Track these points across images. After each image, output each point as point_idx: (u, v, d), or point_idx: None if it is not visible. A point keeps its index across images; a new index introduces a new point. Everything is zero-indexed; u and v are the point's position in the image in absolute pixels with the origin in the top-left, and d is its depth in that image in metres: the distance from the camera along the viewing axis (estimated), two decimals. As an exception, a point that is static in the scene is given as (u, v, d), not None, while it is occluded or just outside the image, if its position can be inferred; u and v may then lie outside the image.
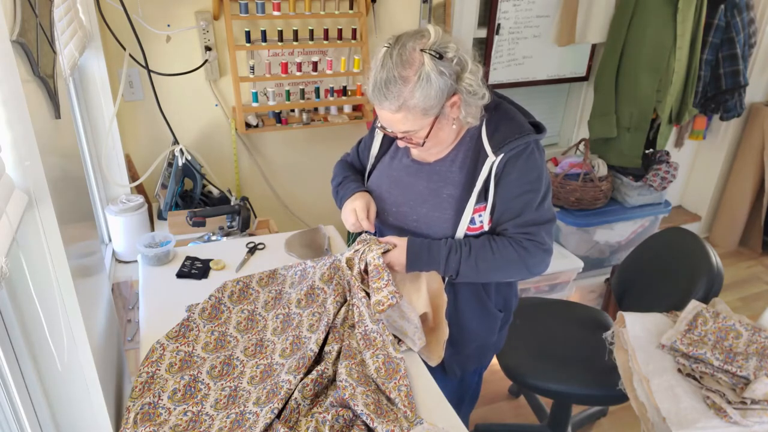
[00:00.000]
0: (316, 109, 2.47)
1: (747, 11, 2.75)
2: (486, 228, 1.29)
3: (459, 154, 1.29)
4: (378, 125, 1.30)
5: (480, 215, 1.27)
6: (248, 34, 2.18)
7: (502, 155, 1.22)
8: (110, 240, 2.12)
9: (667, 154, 2.86)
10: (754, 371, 1.44)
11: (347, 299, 1.30)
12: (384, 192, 1.39)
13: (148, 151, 2.28)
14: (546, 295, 2.79)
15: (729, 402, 1.38)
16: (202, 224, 1.87)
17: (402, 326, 1.27)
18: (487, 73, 2.78)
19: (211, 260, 1.59)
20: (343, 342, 1.22)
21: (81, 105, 2.01)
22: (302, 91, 2.37)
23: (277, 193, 2.66)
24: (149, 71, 2.05)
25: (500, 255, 1.25)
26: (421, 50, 1.12)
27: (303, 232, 1.74)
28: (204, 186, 2.24)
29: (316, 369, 1.14)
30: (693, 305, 1.61)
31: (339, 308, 1.28)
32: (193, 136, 2.38)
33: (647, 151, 2.89)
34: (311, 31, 2.27)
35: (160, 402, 1.09)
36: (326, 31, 2.30)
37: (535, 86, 3.00)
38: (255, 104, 2.31)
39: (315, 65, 2.33)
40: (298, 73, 2.31)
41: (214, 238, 1.90)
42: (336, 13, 2.29)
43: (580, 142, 2.87)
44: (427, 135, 1.20)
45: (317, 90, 2.39)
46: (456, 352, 1.43)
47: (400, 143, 1.29)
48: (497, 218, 1.28)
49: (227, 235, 1.92)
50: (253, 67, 2.24)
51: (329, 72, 2.34)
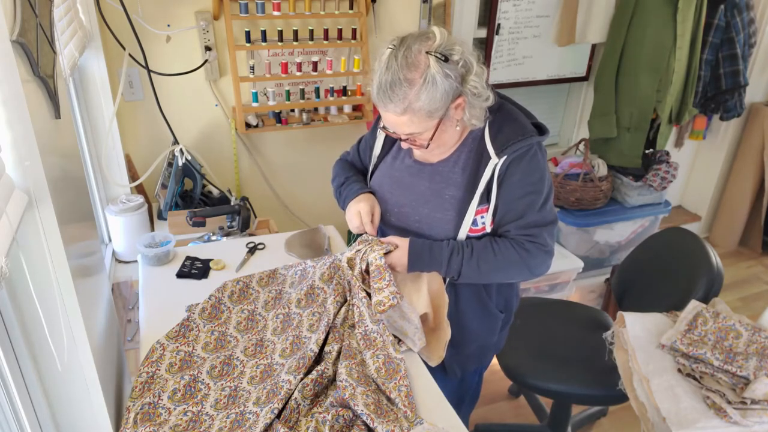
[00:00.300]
0: (316, 109, 2.47)
1: (747, 11, 2.75)
2: (488, 229, 1.29)
3: (462, 156, 1.29)
4: (381, 127, 1.30)
5: (482, 217, 1.27)
6: (248, 34, 2.18)
7: (505, 157, 1.22)
8: (110, 240, 2.12)
9: (667, 154, 2.86)
10: (754, 371, 1.44)
11: (347, 299, 1.30)
12: (386, 192, 1.39)
13: (148, 151, 2.28)
14: (546, 295, 2.79)
15: (729, 402, 1.38)
16: (202, 224, 1.87)
17: (402, 326, 1.27)
18: (487, 73, 2.78)
19: (211, 260, 1.59)
20: (343, 342, 1.22)
21: (81, 105, 2.01)
22: (302, 91, 2.36)
23: (277, 193, 2.66)
24: (149, 71, 2.04)
25: (502, 256, 1.25)
26: (427, 53, 1.11)
27: (303, 232, 1.74)
28: (204, 186, 2.24)
29: (316, 369, 1.14)
30: (693, 305, 1.61)
31: (339, 308, 1.28)
32: (193, 136, 2.38)
33: (647, 151, 2.89)
34: (311, 31, 2.27)
35: (160, 402, 1.09)
36: (326, 31, 2.30)
37: (535, 86, 3.00)
38: (255, 104, 2.31)
39: (315, 65, 2.33)
40: (298, 73, 2.31)
41: (214, 238, 1.90)
42: (336, 13, 2.29)
43: (580, 142, 2.87)
44: (431, 137, 1.20)
45: (317, 90, 2.39)
46: (456, 353, 1.43)
47: (404, 145, 1.29)
48: (499, 220, 1.28)
49: (227, 235, 1.92)
50: (253, 67, 2.24)
51: (329, 72, 2.34)
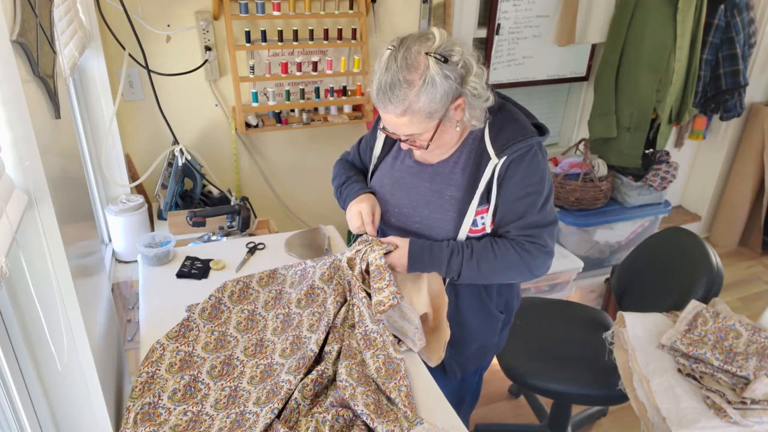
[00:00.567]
0: (316, 109, 2.47)
1: (747, 11, 2.75)
2: (488, 230, 1.29)
3: (462, 156, 1.29)
4: (381, 128, 1.30)
5: (482, 217, 1.27)
6: (248, 34, 2.18)
7: (505, 157, 1.22)
8: (110, 240, 2.12)
9: (667, 154, 2.86)
10: (754, 371, 1.44)
11: (347, 299, 1.30)
12: (386, 193, 1.39)
13: (148, 151, 2.28)
14: (546, 295, 2.79)
15: (729, 402, 1.38)
16: (202, 224, 1.87)
17: (402, 327, 1.27)
18: (487, 74, 2.78)
19: (211, 260, 1.59)
20: (343, 342, 1.22)
21: (81, 105, 2.01)
22: (302, 91, 2.36)
23: (277, 193, 2.66)
24: (149, 71, 2.04)
25: (502, 257, 1.25)
26: (426, 54, 1.11)
27: (303, 232, 1.74)
28: (204, 186, 2.24)
29: (316, 369, 1.14)
30: (693, 305, 1.61)
31: (339, 308, 1.28)
32: (193, 136, 2.38)
33: (647, 151, 2.89)
34: (311, 31, 2.27)
35: (160, 402, 1.09)
36: (326, 31, 2.30)
37: (535, 86, 3.00)
38: (255, 104, 2.31)
39: (315, 65, 2.33)
40: (298, 73, 2.31)
41: (214, 238, 1.90)
42: (336, 13, 2.29)
43: (580, 142, 2.87)
44: (431, 138, 1.20)
45: (317, 90, 2.39)
46: (456, 353, 1.43)
47: (404, 146, 1.28)
48: (499, 220, 1.28)
49: (227, 235, 1.92)
50: (253, 67, 2.24)
51: (329, 72, 2.34)
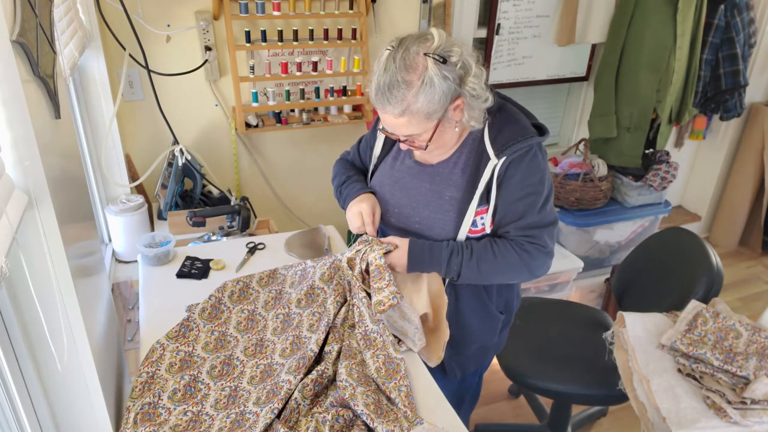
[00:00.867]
0: (316, 109, 2.47)
1: (747, 11, 2.75)
2: (488, 230, 1.29)
3: (462, 156, 1.29)
4: (380, 128, 1.30)
5: (482, 218, 1.27)
6: (248, 34, 2.18)
7: (505, 158, 1.22)
8: (110, 240, 2.12)
9: (667, 154, 2.86)
10: (754, 371, 1.44)
11: (347, 299, 1.30)
12: (387, 194, 1.39)
13: (148, 151, 2.28)
14: (546, 295, 2.79)
15: (729, 402, 1.38)
16: (202, 224, 1.87)
17: (402, 327, 1.27)
18: (487, 74, 2.78)
19: (211, 260, 1.59)
20: (343, 342, 1.22)
21: (81, 105, 2.01)
22: (302, 91, 2.36)
23: (277, 193, 2.66)
24: (149, 71, 2.04)
25: (502, 257, 1.25)
26: (425, 54, 1.11)
27: (303, 232, 1.74)
28: (204, 186, 2.24)
29: (316, 369, 1.14)
30: (693, 305, 1.61)
31: (339, 308, 1.28)
32: (193, 136, 2.38)
33: (647, 151, 2.89)
34: (311, 31, 2.27)
35: (160, 402, 1.09)
36: (326, 31, 2.30)
37: (535, 86, 3.00)
38: (255, 104, 2.31)
39: (315, 65, 2.33)
40: (298, 73, 2.31)
41: (214, 238, 1.90)
42: (336, 13, 2.29)
43: (580, 142, 2.87)
44: (430, 138, 1.20)
45: (317, 90, 2.39)
46: (456, 353, 1.43)
47: (403, 146, 1.28)
48: (499, 221, 1.28)
49: (227, 235, 1.92)
50: (253, 67, 2.24)
51: (329, 72, 2.34)
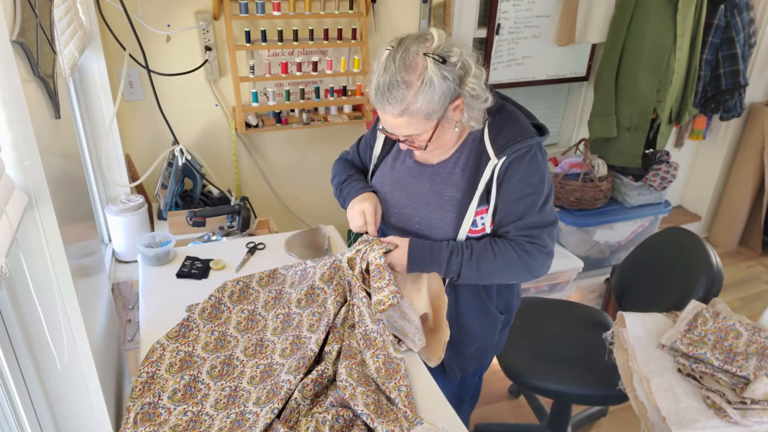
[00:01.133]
0: (316, 109, 2.47)
1: (747, 11, 2.75)
2: (488, 230, 1.29)
3: (462, 156, 1.29)
4: (380, 128, 1.30)
5: (482, 218, 1.27)
6: (248, 34, 2.18)
7: (505, 158, 1.22)
8: (110, 240, 2.12)
9: (667, 154, 2.86)
10: (754, 371, 1.44)
11: (347, 299, 1.30)
12: (387, 193, 1.39)
13: (148, 151, 2.28)
14: (546, 295, 2.79)
15: (729, 402, 1.38)
16: (202, 224, 1.87)
17: (402, 326, 1.27)
18: (487, 74, 2.78)
19: (211, 260, 1.59)
20: (343, 342, 1.22)
21: (81, 105, 2.01)
22: (302, 91, 2.37)
23: (277, 193, 2.66)
24: (149, 71, 2.04)
25: (502, 257, 1.25)
26: (425, 54, 1.11)
27: (303, 232, 1.74)
28: (204, 186, 2.24)
29: (316, 369, 1.14)
30: (693, 305, 1.61)
31: (339, 308, 1.28)
32: (193, 136, 2.38)
33: (647, 151, 2.89)
34: (311, 31, 2.27)
35: (160, 402, 1.09)
36: (326, 31, 2.30)
37: (535, 86, 3.00)
38: (255, 104, 2.31)
39: (315, 65, 2.33)
40: (298, 73, 2.31)
41: (214, 238, 1.90)
42: (336, 13, 2.29)
43: (580, 142, 2.87)
44: (430, 138, 1.20)
45: (317, 90, 2.39)
46: (456, 354, 1.43)
47: (403, 146, 1.28)
48: (499, 221, 1.28)
49: (227, 235, 1.92)
50: (253, 67, 2.24)
51: (329, 72, 2.34)
